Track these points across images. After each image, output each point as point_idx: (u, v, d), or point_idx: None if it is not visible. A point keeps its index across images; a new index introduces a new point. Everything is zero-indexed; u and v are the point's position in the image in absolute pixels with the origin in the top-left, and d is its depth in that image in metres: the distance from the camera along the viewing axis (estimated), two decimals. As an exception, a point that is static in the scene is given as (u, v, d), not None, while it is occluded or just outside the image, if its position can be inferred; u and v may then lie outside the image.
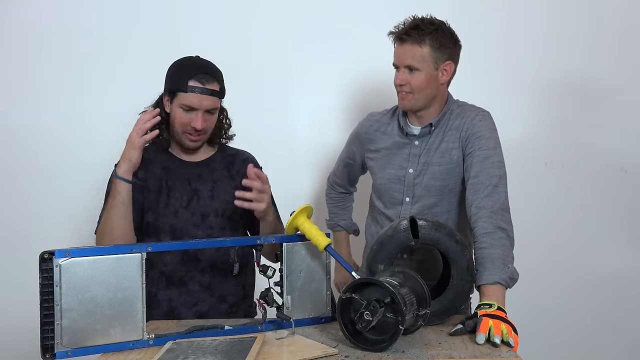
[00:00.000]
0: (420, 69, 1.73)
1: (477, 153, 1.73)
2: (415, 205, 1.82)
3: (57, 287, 1.27)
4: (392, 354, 1.30)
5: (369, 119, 1.95)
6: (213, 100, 1.74)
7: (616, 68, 2.52)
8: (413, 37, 1.72)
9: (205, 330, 1.46)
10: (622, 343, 2.54)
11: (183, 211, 1.76)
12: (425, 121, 1.82)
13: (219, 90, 1.76)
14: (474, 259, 1.59)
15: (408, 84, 1.75)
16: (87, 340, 1.29)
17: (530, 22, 2.53)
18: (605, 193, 2.54)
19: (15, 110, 2.52)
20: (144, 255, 1.36)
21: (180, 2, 2.53)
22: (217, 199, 1.80)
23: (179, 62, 1.78)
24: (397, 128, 1.87)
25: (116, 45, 2.51)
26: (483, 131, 1.75)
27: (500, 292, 1.49)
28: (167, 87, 1.78)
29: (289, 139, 2.56)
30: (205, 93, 1.72)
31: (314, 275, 1.56)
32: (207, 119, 1.75)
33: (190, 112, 1.72)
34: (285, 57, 2.54)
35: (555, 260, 2.55)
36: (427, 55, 1.72)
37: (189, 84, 1.70)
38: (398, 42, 1.76)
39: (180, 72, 1.74)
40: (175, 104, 1.74)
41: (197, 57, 1.79)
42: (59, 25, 2.51)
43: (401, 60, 1.75)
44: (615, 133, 2.53)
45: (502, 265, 1.52)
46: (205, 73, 1.73)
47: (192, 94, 1.71)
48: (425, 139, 1.82)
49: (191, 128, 1.73)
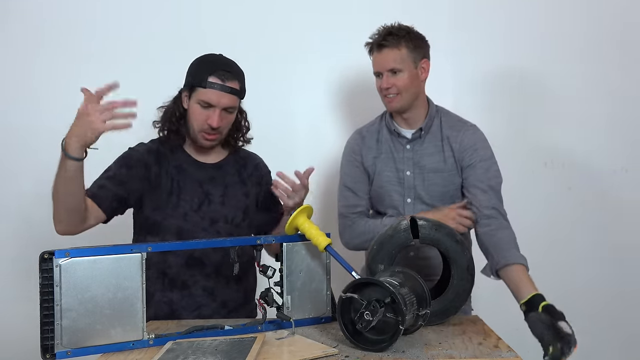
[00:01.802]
0: (402, 70, 1.81)
1: (478, 164, 1.81)
2: (417, 207, 1.84)
3: (57, 287, 1.26)
4: (392, 354, 1.30)
5: (358, 133, 1.97)
6: (232, 98, 1.71)
7: (617, 68, 2.52)
8: (390, 42, 1.81)
9: (205, 330, 1.46)
10: (620, 342, 2.54)
11: (192, 214, 1.74)
12: (414, 124, 1.88)
13: (239, 90, 1.73)
14: (480, 242, 1.71)
15: (394, 86, 1.82)
16: (87, 340, 1.29)
17: (531, 21, 2.53)
18: (605, 193, 2.54)
19: (15, 109, 2.52)
20: (144, 255, 1.36)
21: (179, 3, 2.53)
22: (227, 205, 1.78)
23: (201, 58, 1.75)
24: (387, 132, 1.91)
25: (117, 44, 2.51)
26: (479, 143, 1.85)
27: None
28: (187, 82, 1.74)
29: (288, 139, 2.56)
30: (224, 90, 1.68)
31: (314, 276, 1.56)
32: (224, 117, 1.72)
33: (207, 109, 1.69)
34: (285, 56, 2.54)
35: (554, 260, 2.54)
36: (405, 56, 1.82)
37: (209, 79, 1.68)
38: (377, 49, 1.84)
39: (201, 68, 1.71)
40: (193, 100, 1.71)
41: (220, 55, 1.77)
42: (59, 24, 2.51)
43: (383, 65, 1.83)
44: (615, 133, 2.53)
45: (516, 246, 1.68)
46: (227, 71, 1.70)
47: (211, 90, 1.68)
48: (416, 142, 1.87)
49: (207, 126, 1.70)
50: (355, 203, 1.90)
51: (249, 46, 2.52)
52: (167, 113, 1.79)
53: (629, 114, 2.53)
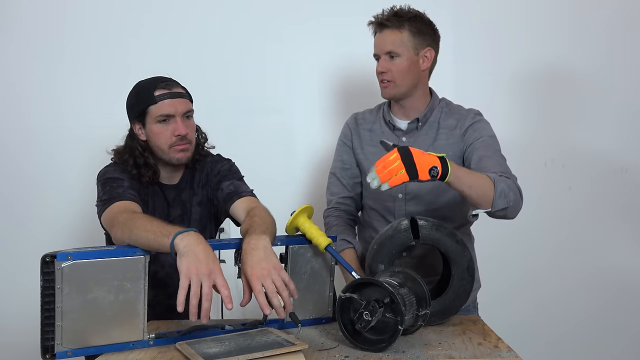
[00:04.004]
0: (400, 54, 1.74)
1: (478, 143, 1.74)
2: (410, 202, 1.81)
3: (58, 290, 1.26)
4: (392, 354, 1.30)
5: (354, 117, 1.95)
6: (184, 102, 1.68)
7: (617, 68, 2.52)
8: (392, 22, 1.74)
9: (205, 330, 1.46)
10: (621, 342, 2.54)
11: None
12: (411, 114, 1.83)
13: (186, 93, 1.72)
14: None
15: (389, 71, 1.76)
16: (87, 340, 1.29)
17: (531, 21, 2.53)
18: (605, 193, 2.54)
19: (15, 109, 2.53)
20: (147, 257, 1.35)
21: (173, 4, 2.54)
22: (187, 222, 1.75)
23: (136, 86, 1.72)
24: (384, 124, 1.87)
25: (116, 44, 2.53)
26: (482, 124, 1.79)
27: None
28: (135, 113, 1.69)
29: (288, 138, 2.57)
30: (175, 97, 1.66)
31: (318, 277, 1.56)
32: (187, 123, 1.69)
33: (168, 123, 1.66)
34: (284, 56, 2.55)
35: (554, 260, 2.55)
36: (406, 40, 1.74)
37: (155, 94, 1.64)
38: (378, 30, 1.78)
39: (142, 92, 1.68)
40: (150, 123, 1.67)
41: (149, 77, 1.72)
42: (61, 23, 2.53)
43: (381, 47, 1.76)
44: (615, 132, 2.53)
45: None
46: (165, 81, 1.68)
47: (163, 102, 1.64)
48: (413, 134, 1.82)
49: (175, 138, 1.66)
50: (337, 191, 1.91)
51: (247, 46, 2.54)
52: (129, 151, 1.70)
53: (629, 114, 2.53)
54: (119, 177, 1.66)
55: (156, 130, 1.67)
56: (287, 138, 2.56)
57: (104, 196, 1.59)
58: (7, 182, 2.53)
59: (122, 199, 1.56)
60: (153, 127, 1.67)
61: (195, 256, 1.26)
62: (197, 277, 1.24)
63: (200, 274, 1.25)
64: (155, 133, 1.67)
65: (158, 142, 1.68)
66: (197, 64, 2.50)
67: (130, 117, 1.72)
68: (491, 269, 2.14)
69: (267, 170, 2.49)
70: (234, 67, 2.53)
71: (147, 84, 1.69)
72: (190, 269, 1.25)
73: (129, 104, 1.72)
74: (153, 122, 1.66)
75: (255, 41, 2.54)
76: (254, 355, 1.23)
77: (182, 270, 1.26)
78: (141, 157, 1.69)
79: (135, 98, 1.70)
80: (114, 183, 1.63)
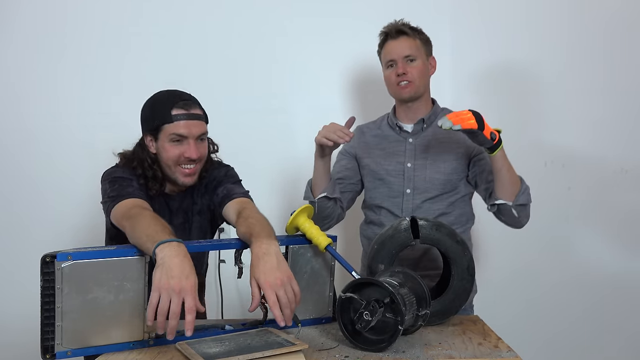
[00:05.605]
0: (417, 58, 1.89)
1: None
2: (417, 197, 1.88)
3: (58, 290, 1.26)
4: (392, 354, 1.30)
5: (359, 128, 2.03)
6: (201, 125, 1.66)
7: (618, 68, 2.52)
8: (407, 31, 1.89)
9: (205, 330, 1.46)
10: (619, 341, 2.54)
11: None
12: (415, 117, 1.93)
13: (203, 115, 1.69)
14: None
15: (410, 73, 1.87)
16: (87, 340, 1.30)
17: (531, 21, 2.53)
18: (605, 193, 2.54)
19: (15, 110, 2.53)
20: (147, 257, 1.35)
21: (173, 4, 2.54)
22: (189, 230, 1.76)
23: (154, 98, 1.68)
24: (389, 128, 1.97)
25: (116, 44, 2.53)
26: None
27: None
28: (149, 126, 1.66)
29: (289, 138, 2.57)
30: (191, 118, 1.63)
31: (318, 277, 1.56)
32: (200, 146, 1.66)
33: (180, 143, 1.63)
34: (284, 55, 2.55)
35: (554, 260, 2.55)
36: (420, 46, 1.90)
37: (172, 113, 1.61)
38: (394, 37, 1.90)
39: (159, 106, 1.65)
40: (162, 140, 1.64)
41: (169, 90, 1.69)
42: (61, 24, 2.53)
43: (399, 52, 1.88)
44: (615, 133, 2.53)
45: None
46: (185, 100, 1.65)
47: (179, 122, 1.61)
48: (418, 135, 1.92)
49: (185, 159, 1.64)
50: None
51: (246, 46, 2.54)
52: (138, 161, 1.69)
53: (629, 114, 2.53)
54: (128, 177, 1.65)
55: (167, 148, 1.65)
56: (287, 138, 2.56)
57: (113, 193, 1.59)
58: (6, 182, 2.54)
59: (133, 197, 1.57)
60: (165, 144, 1.65)
61: (168, 270, 1.23)
62: (166, 292, 1.21)
63: (170, 290, 1.21)
64: (166, 150, 1.65)
65: (166, 160, 1.66)
66: (198, 63, 2.50)
67: (143, 129, 1.70)
68: (491, 269, 2.15)
69: (268, 169, 2.50)
70: (234, 67, 2.54)
71: (165, 99, 1.66)
72: (161, 282, 1.22)
73: (143, 115, 1.69)
74: (166, 139, 1.64)
75: (255, 41, 2.54)
76: (254, 355, 1.23)
77: (153, 283, 1.23)
78: (150, 170, 1.68)
79: (150, 111, 1.67)
80: (123, 182, 1.62)
